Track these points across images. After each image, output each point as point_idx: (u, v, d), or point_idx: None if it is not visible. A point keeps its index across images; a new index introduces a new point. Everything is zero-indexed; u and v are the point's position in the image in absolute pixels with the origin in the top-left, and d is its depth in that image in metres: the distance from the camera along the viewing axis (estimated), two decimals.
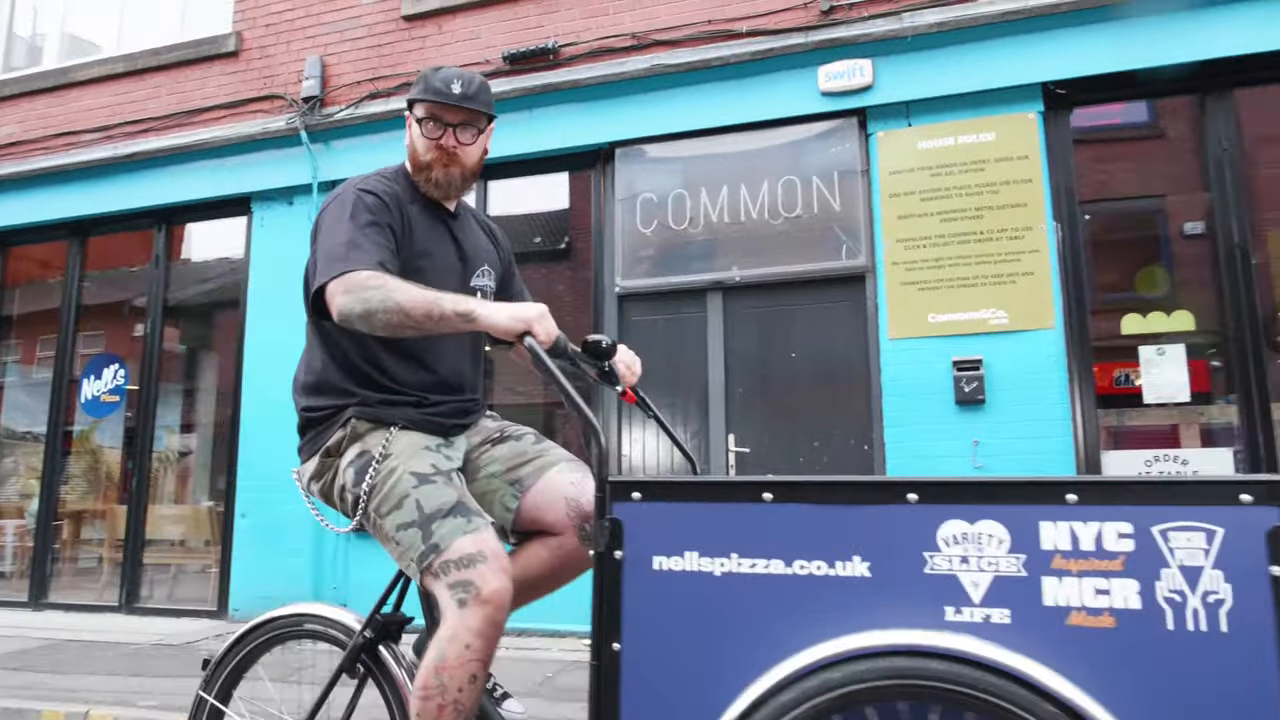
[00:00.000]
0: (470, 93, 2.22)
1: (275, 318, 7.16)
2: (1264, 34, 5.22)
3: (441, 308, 1.88)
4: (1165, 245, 5.85)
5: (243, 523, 7.01)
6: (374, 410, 2.16)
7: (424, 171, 2.27)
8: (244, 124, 7.46)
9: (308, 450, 2.26)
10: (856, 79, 5.88)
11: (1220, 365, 5.43)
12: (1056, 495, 1.44)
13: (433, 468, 2.07)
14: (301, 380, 2.30)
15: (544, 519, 2.22)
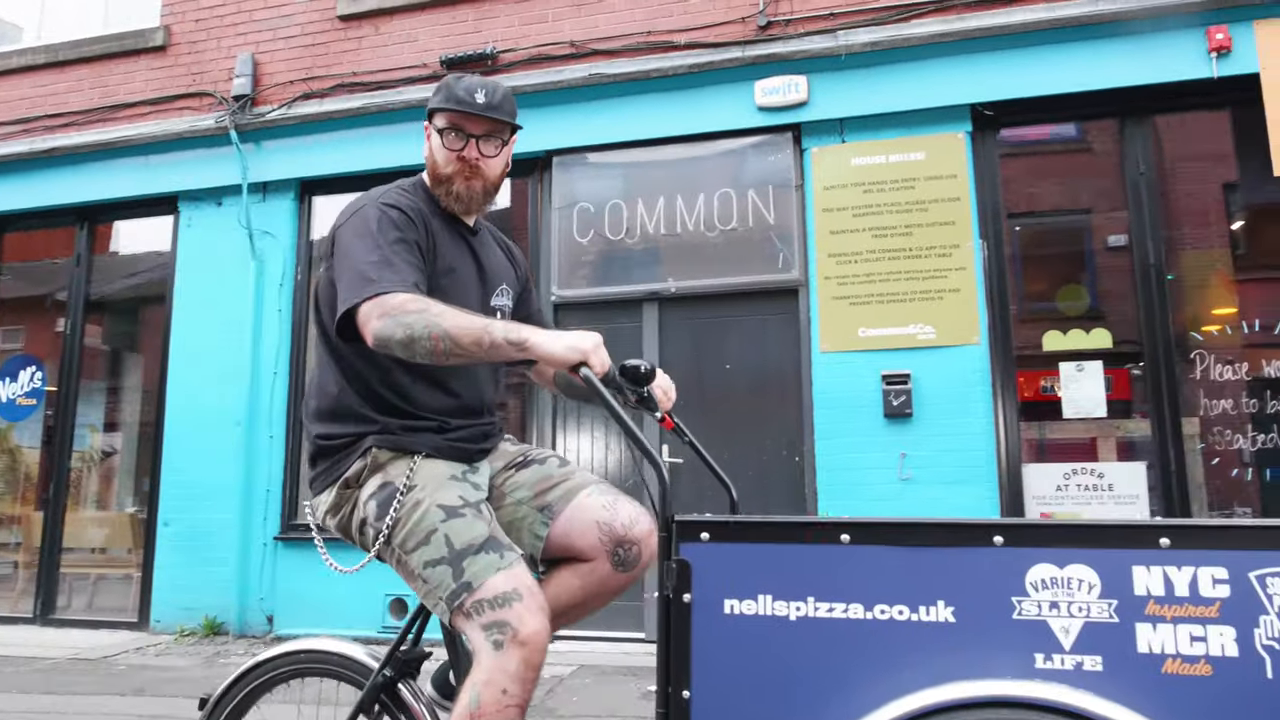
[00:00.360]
0: (495, 102, 2.10)
1: (201, 320, 6.99)
2: (1178, 66, 5.41)
3: (492, 335, 1.79)
4: (1088, 260, 6.05)
5: (166, 531, 6.83)
6: (396, 438, 2.04)
7: (444, 185, 2.14)
8: (171, 121, 7.26)
9: (323, 481, 2.11)
10: (792, 95, 5.95)
11: (1136, 381, 5.62)
12: (1149, 539, 1.40)
13: (461, 499, 1.96)
14: (314, 406, 2.15)
15: (575, 545, 2.12)
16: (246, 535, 6.61)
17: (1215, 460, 5.41)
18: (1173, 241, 5.69)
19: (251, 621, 6.53)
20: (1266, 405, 5.39)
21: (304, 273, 6.99)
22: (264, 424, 6.75)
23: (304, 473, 6.55)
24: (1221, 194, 5.92)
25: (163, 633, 6.69)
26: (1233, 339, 5.53)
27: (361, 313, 1.86)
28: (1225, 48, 5.29)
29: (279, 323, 6.87)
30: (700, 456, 2.20)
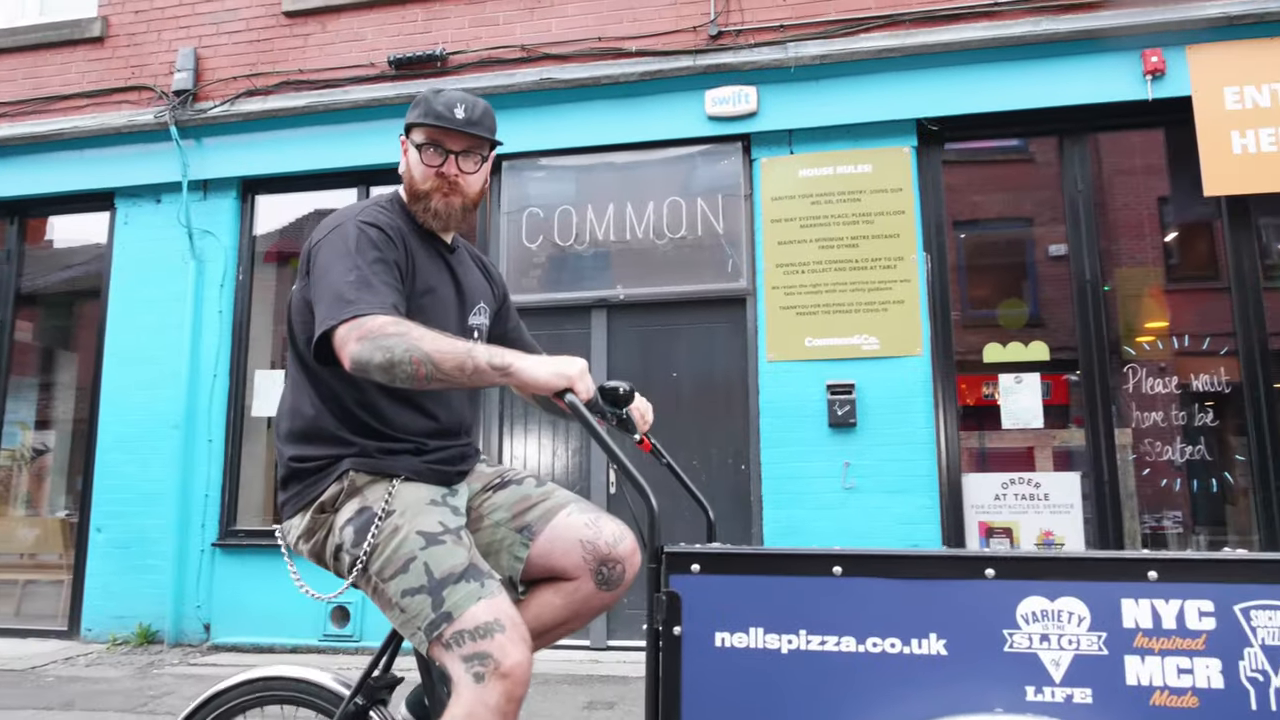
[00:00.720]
0: (475, 118, 2.05)
1: (138, 321, 6.81)
2: (1115, 87, 5.56)
3: (476, 360, 1.76)
4: (1029, 271, 6.19)
5: (99, 537, 6.64)
6: (373, 461, 1.98)
7: (422, 201, 2.09)
8: (109, 115, 7.05)
9: (295, 505, 2.04)
10: (742, 105, 5.98)
11: (1072, 390, 5.77)
12: (1138, 572, 1.42)
13: (441, 525, 1.91)
14: (287, 428, 2.08)
15: (557, 565, 2.09)
16: (183, 541, 6.45)
17: (1146, 471, 5.57)
18: (1109, 256, 5.86)
19: (188, 630, 6.38)
20: (1195, 418, 5.57)
21: (246, 273, 6.85)
22: (203, 428, 6.60)
23: (244, 478, 6.45)
24: (1155, 210, 6.09)
25: (94, 642, 6.51)
26: (1164, 352, 5.70)
27: (338, 336, 1.81)
28: (1160, 71, 5.45)
29: (219, 324, 6.72)
30: (678, 479, 2.19)
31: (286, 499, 2.07)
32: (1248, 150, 5.31)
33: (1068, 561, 1.45)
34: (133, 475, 6.62)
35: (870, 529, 5.50)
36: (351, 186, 6.82)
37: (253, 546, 6.42)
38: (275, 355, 7.04)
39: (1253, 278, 5.49)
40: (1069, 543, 5.46)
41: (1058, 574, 1.44)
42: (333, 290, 1.87)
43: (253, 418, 6.73)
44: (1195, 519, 5.63)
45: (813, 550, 1.54)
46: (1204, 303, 5.83)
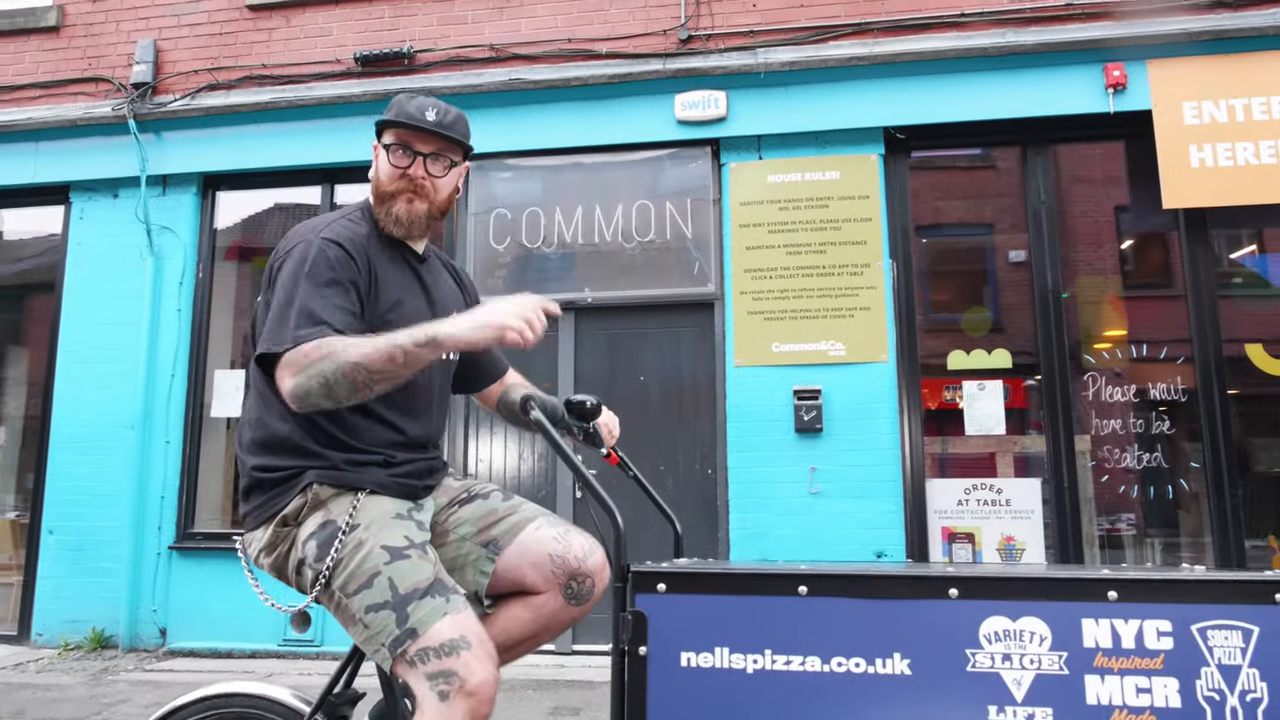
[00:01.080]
0: (446, 121, 2.03)
1: (93, 318, 6.64)
2: (1078, 100, 5.65)
3: (403, 346, 1.76)
4: (991, 278, 6.28)
5: (50, 539, 6.47)
6: (339, 474, 1.95)
7: (386, 204, 2.05)
8: (64, 107, 6.88)
9: (257, 517, 2.00)
10: (711, 110, 5.99)
11: (1032, 396, 5.86)
12: (1098, 592, 1.44)
13: (406, 540, 1.87)
14: (250, 437, 2.04)
15: (525, 579, 2.07)
16: (139, 544, 6.31)
17: (1105, 477, 5.68)
18: (1069, 265, 5.95)
19: (143, 635, 6.25)
20: (1151, 425, 5.68)
21: (206, 271, 6.72)
22: (160, 428, 6.46)
23: (203, 479, 6.32)
24: (1115, 221, 6.21)
25: (45, 646, 6.34)
26: (1122, 360, 5.81)
27: (277, 372, 1.80)
28: (1121, 84, 5.55)
29: (178, 322, 6.58)
30: (645, 492, 2.19)
31: (249, 510, 2.03)
32: (1205, 164, 5.43)
33: (1030, 582, 1.47)
34: (86, 476, 6.46)
35: (835, 534, 5.54)
36: (316, 184, 6.72)
37: (211, 550, 6.30)
38: (235, 354, 6.92)
39: (1208, 288, 5.61)
40: (1029, 548, 5.55)
41: (1020, 594, 1.46)
42: (276, 312, 1.86)
43: (212, 418, 6.61)
44: (1149, 523, 5.75)
45: (778, 569, 1.55)
46: (1161, 311, 5.96)
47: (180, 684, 5.30)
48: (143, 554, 6.32)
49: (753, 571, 1.55)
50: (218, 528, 6.54)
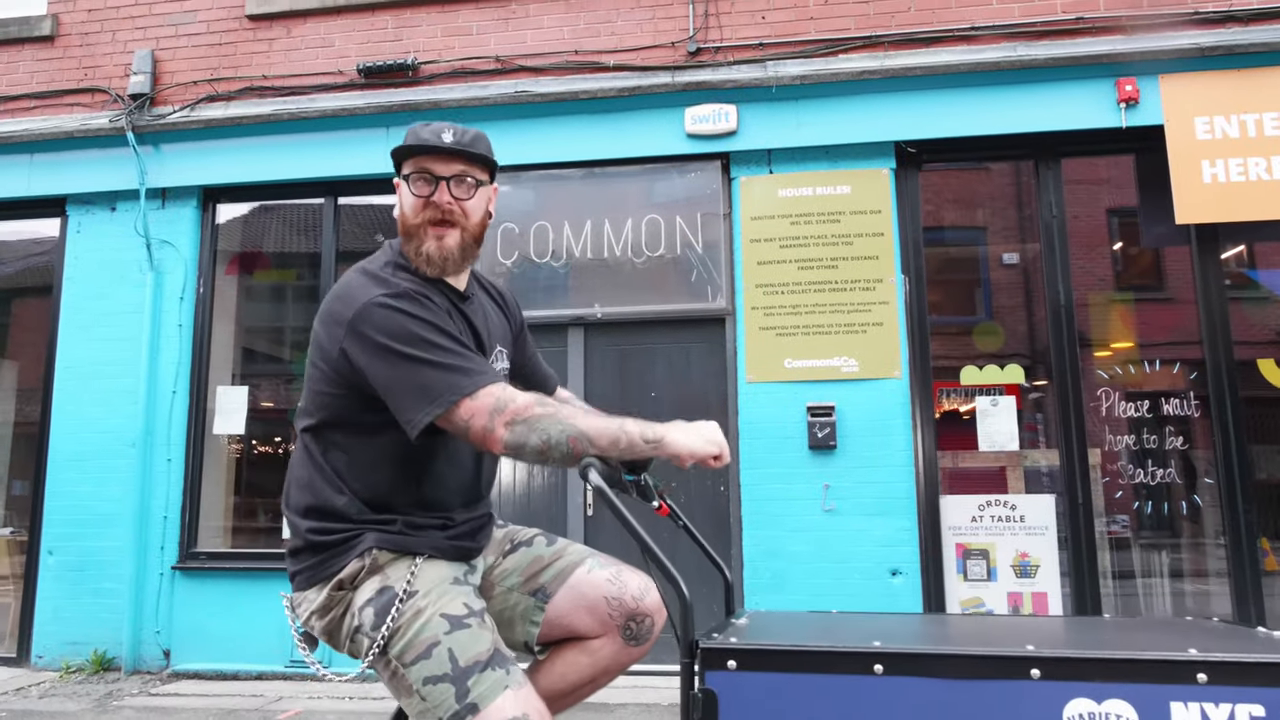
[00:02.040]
0: (464, 140, 1.93)
1: (92, 334, 6.53)
2: (1090, 115, 5.64)
3: (629, 435, 1.78)
4: (1004, 295, 6.27)
5: (50, 560, 6.36)
6: (398, 538, 1.90)
7: (413, 242, 1.94)
8: (60, 118, 6.76)
9: (309, 577, 1.93)
10: (721, 124, 5.94)
11: (1044, 410, 5.85)
12: (1187, 674, 1.40)
13: (465, 608, 1.82)
14: (301, 502, 1.96)
15: (579, 624, 2.04)
16: (141, 564, 6.22)
17: (1118, 493, 5.68)
18: (1081, 281, 5.93)
19: (146, 656, 6.15)
20: (1165, 439, 5.68)
21: (206, 285, 6.61)
22: (161, 446, 6.36)
23: (205, 498, 6.23)
24: (1128, 237, 6.21)
25: (46, 669, 6.24)
26: (1135, 375, 5.81)
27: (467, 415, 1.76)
28: (1134, 99, 5.54)
29: (179, 338, 6.48)
30: (695, 541, 2.15)
31: (299, 569, 1.96)
32: (1217, 179, 5.43)
33: (1115, 663, 1.43)
34: (87, 495, 6.35)
35: (850, 552, 5.52)
36: (318, 197, 6.63)
37: (214, 570, 6.21)
38: (236, 370, 6.82)
39: (1219, 302, 5.61)
40: (1044, 564, 5.53)
41: (1105, 676, 1.42)
42: (419, 374, 1.77)
43: (213, 435, 6.51)
44: (1160, 537, 5.75)
45: (854, 648, 1.50)
46: (1173, 324, 5.95)
47: (187, 710, 5.22)
48: (145, 574, 6.22)
49: (828, 650, 1.51)
50: (220, 547, 6.45)
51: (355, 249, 6.66)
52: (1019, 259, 6.20)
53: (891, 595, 5.46)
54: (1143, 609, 5.73)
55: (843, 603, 5.46)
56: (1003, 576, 5.57)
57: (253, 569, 6.17)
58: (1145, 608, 5.74)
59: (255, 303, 7.13)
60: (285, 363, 7.11)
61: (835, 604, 5.47)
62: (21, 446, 7.06)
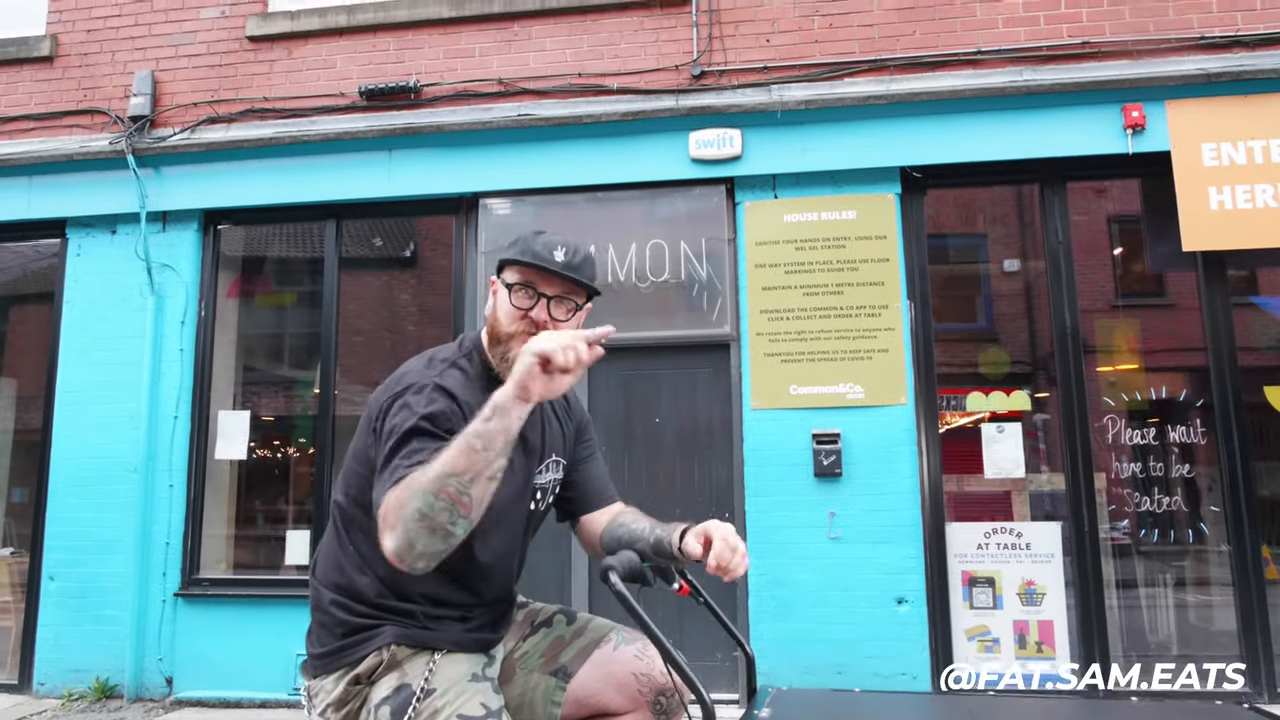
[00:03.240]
0: (575, 262, 1.93)
1: (92, 359, 6.48)
2: (1096, 140, 5.61)
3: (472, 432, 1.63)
4: (1011, 321, 6.26)
5: (51, 586, 6.33)
6: (417, 633, 1.89)
7: (503, 346, 1.93)
8: (60, 140, 6.71)
9: (327, 665, 1.92)
10: (726, 148, 5.91)
11: (1049, 437, 5.84)
12: None
13: (483, 708, 1.80)
14: (328, 577, 1.97)
15: (608, 702, 2.03)
16: (143, 591, 6.18)
17: (1124, 521, 5.66)
18: (1087, 306, 5.91)
19: (149, 684, 6.12)
20: (1170, 467, 5.67)
21: (208, 309, 6.57)
22: (163, 472, 6.32)
23: (208, 524, 6.20)
24: (1133, 263, 6.19)
25: (48, 696, 6.21)
26: (1141, 402, 5.80)
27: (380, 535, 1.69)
28: (1140, 125, 5.51)
29: (180, 363, 6.44)
30: (717, 618, 2.13)
31: (316, 654, 1.96)
32: (1224, 206, 5.40)
33: None
34: (88, 521, 6.32)
35: (855, 580, 5.50)
36: (321, 219, 6.59)
37: (217, 596, 6.18)
38: (238, 394, 6.80)
39: (1226, 330, 5.58)
40: (1049, 592, 5.52)
41: None
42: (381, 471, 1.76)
43: (216, 460, 6.48)
44: (1168, 565, 5.74)
45: None
46: (1180, 356, 5.94)
47: None
48: (147, 601, 6.19)
49: None
50: (223, 574, 6.42)
51: (358, 258, 6.64)
52: (1023, 278, 6.19)
53: (897, 623, 5.44)
54: (1146, 623, 5.72)
55: (847, 630, 5.45)
56: (1009, 604, 5.55)
57: (256, 595, 6.14)
58: (1149, 620, 5.73)
59: (257, 326, 7.09)
60: (288, 383, 7.10)
61: (840, 632, 5.45)
62: (21, 454, 7.06)
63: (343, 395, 6.47)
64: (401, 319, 7.09)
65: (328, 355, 6.45)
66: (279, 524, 6.78)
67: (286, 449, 7.07)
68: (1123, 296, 6.24)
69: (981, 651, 5.53)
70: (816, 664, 5.45)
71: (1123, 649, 5.54)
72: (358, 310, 6.81)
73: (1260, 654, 5.30)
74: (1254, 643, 5.31)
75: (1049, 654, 5.45)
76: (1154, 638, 5.73)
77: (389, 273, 6.99)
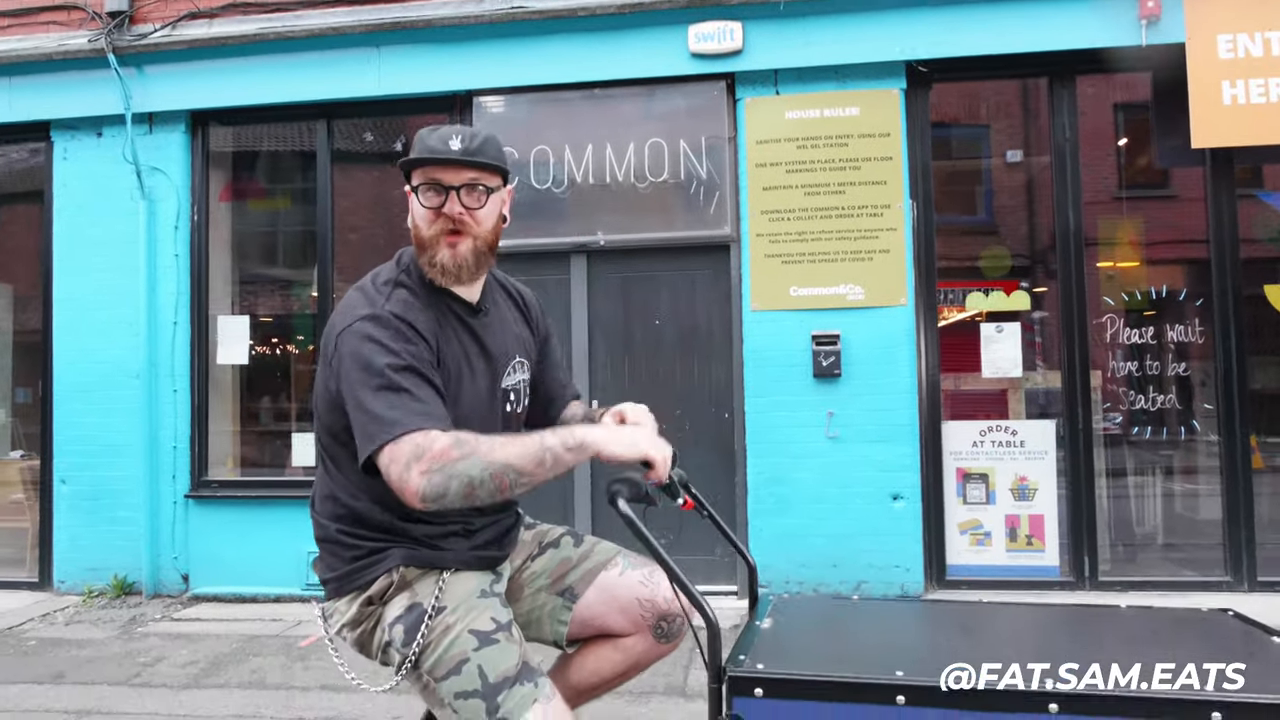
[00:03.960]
0: (474, 146, 1.88)
1: (88, 265, 6.44)
2: (1109, 32, 5.43)
3: (553, 450, 1.72)
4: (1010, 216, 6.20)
5: (63, 489, 6.45)
6: (423, 553, 1.93)
7: (427, 253, 1.91)
8: (37, 38, 6.48)
9: (339, 587, 1.97)
10: (726, 42, 5.72)
11: (1046, 336, 5.88)
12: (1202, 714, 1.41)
13: (493, 622, 1.85)
14: (329, 509, 1.98)
15: (611, 623, 2.10)
16: (155, 493, 6.31)
17: (1117, 418, 5.75)
18: (1091, 207, 5.84)
19: (165, 581, 6.32)
20: (1167, 366, 5.72)
21: (201, 213, 6.48)
22: (166, 377, 6.36)
23: (213, 428, 6.27)
24: (1140, 160, 6.09)
25: (69, 593, 6.42)
26: (1139, 303, 5.80)
27: (384, 462, 1.70)
28: (1155, 15, 5.32)
29: (176, 269, 6.40)
30: (720, 530, 2.16)
31: (328, 577, 2.00)
32: (1237, 101, 5.27)
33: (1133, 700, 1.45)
34: (95, 426, 6.39)
35: (852, 478, 5.61)
36: (313, 119, 6.44)
37: (227, 497, 6.32)
38: (235, 299, 6.78)
39: (1230, 228, 5.54)
40: (1041, 488, 5.65)
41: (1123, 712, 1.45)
42: (365, 409, 1.75)
43: (218, 365, 6.51)
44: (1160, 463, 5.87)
45: (877, 679, 1.54)
46: (1181, 248, 5.92)
47: (210, 635, 5.40)
48: (159, 503, 6.33)
49: (852, 681, 1.55)
50: (231, 475, 6.55)
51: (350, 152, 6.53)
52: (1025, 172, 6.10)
53: (892, 519, 5.58)
54: (1134, 515, 5.89)
55: (844, 525, 5.59)
56: (1001, 499, 5.68)
57: (264, 496, 6.28)
58: (1137, 512, 5.89)
59: (252, 228, 7.01)
60: (285, 283, 7.08)
61: (836, 528, 5.60)
62: (21, 355, 7.12)
63: (340, 294, 6.44)
64: (396, 215, 6.98)
65: (324, 255, 6.41)
66: (283, 423, 6.88)
67: (287, 348, 7.12)
68: (1126, 189, 6.17)
69: (973, 545, 5.69)
70: (812, 558, 5.61)
71: (1109, 541, 5.71)
72: (352, 207, 6.73)
73: (1243, 545, 5.45)
74: (1237, 535, 5.46)
75: (1039, 547, 5.62)
76: (1141, 529, 5.90)
77: (382, 169, 6.87)
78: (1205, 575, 5.56)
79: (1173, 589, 5.47)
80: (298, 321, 7.05)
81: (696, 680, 4.18)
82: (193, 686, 4.52)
